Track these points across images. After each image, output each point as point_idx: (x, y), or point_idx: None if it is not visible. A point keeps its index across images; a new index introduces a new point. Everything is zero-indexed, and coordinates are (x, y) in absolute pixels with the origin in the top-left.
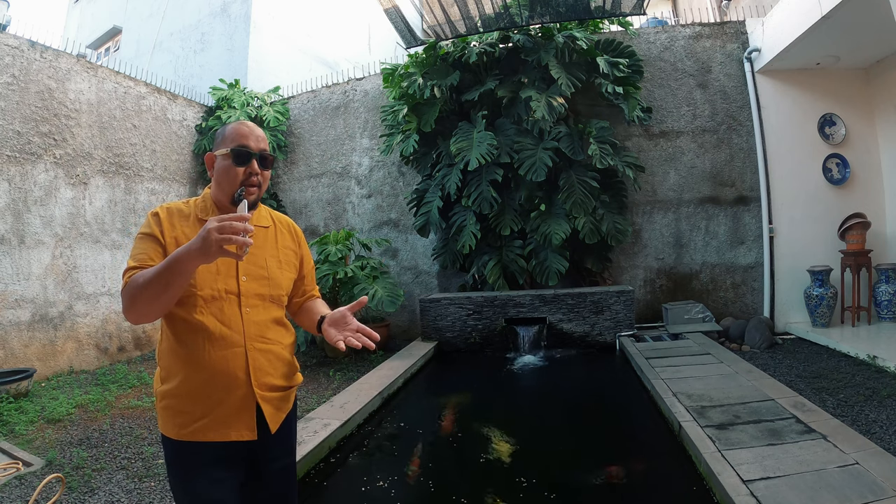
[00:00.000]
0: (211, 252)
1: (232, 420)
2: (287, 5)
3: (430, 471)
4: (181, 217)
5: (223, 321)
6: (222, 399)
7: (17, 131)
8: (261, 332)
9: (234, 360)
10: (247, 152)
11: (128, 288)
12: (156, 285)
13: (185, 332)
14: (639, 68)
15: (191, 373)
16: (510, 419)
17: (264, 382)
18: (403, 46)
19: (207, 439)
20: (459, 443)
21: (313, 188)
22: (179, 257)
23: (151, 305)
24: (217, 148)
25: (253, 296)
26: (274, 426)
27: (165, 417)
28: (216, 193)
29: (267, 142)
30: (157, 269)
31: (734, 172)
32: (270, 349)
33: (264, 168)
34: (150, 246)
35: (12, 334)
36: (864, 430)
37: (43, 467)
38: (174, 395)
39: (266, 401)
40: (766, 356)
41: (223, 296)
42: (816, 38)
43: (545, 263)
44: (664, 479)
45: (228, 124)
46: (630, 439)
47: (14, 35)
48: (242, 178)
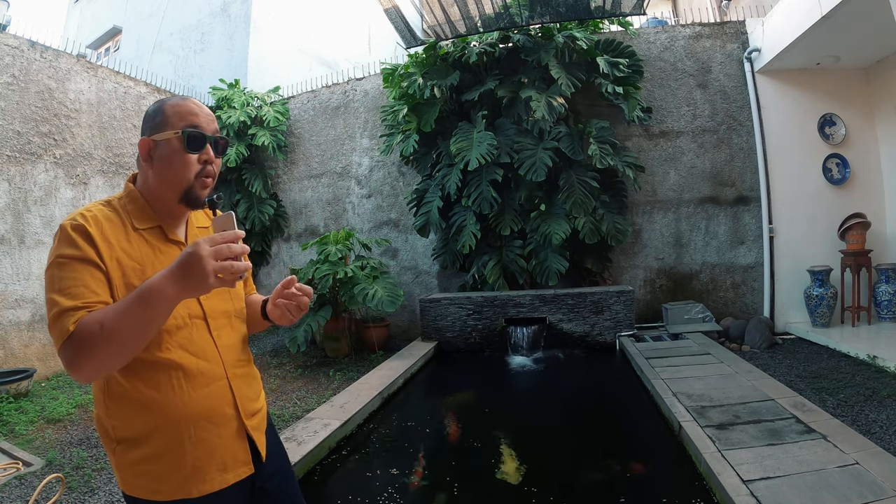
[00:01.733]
0: (206, 285)
1: (227, 462)
2: (287, 5)
3: (431, 471)
4: (113, 227)
5: (197, 353)
6: (214, 442)
7: (17, 131)
8: (236, 355)
9: (218, 397)
10: (202, 135)
11: (77, 339)
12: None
13: (150, 374)
14: (639, 68)
15: (166, 424)
16: (510, 419)
17: (249, 410)
18: (403, 46)
19: (203, 493)
20: (459, 443)
21: (313, 188)
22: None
23: (116, 359)
24: (156, 130)
25: (219, 315)
26: (264, 452)
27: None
28: (155, 189)
29: (216, 122)
30: (124, 311)
31: (734, 172)
32: (247, 372)
33: (218, 155)
34: (88, 274)
35: (12, 334)
36: (864, 430)
37: (43, 467)
38: (147, 457)
39: (254, 429)
40: (766, 356)
41: (188, 322)
42: (816, 38)
43: (545, 263)
44: (664, 479)
45: (166, 100)
46: (630, 439)
47: (14, 35)
48: (197, 169)
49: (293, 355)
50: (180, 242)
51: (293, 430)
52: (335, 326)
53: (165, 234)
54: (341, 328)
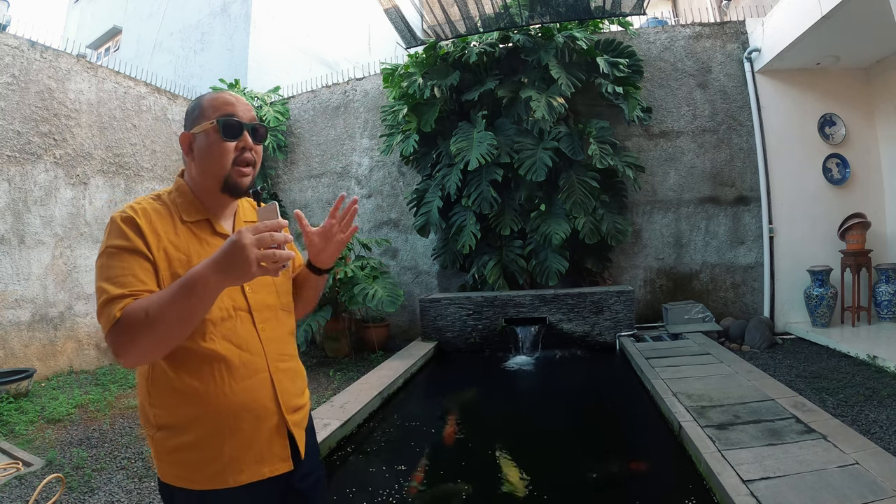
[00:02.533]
0: (249, 273)
1: (265, 455)
2: (287, 5)
3: (431, 471)
4: (161, 219)
5: (240, 345)
6: (251, 436)
7: (17, 131)
8: (280, 349)
9: (260, 389)
10: (238, 122)
11: (123, 325)
12: (170, 319)
13: (193, 364)
14: (639, 68)
15: (207, 413)
16: (510, 419)
17: (291, 406)
18: (403, 46)
19: (237, 483)
20: (460, 443)
21: (313, 188)
22: (204, 280)
23: (161, 345)
24: (195, 123)
25: (264, 308)
26: (303, 450)
27: (174, 469)
28: (199, 181)
29: (254, 111)
30: (169, 299)
31: (734, 172)
32: (290, 366)
33: (257, 142)
34: (137, 264)
35: (12, 334)
36: (864, 430)
37: (43, 467)
38: (186, 445)
39: (295, 424)
40: (766, 356)
41: (233, 314)
42: (816, 38)
43: (545, 263)
44: (664, 479)
45: (203, 95)
46: (630, 439)
47: (14, 35)
48: (235, 156)
49: None
50: (227, 235)
51: None
52: (335, 326)
53: (213, 227)
54: (341, 328)
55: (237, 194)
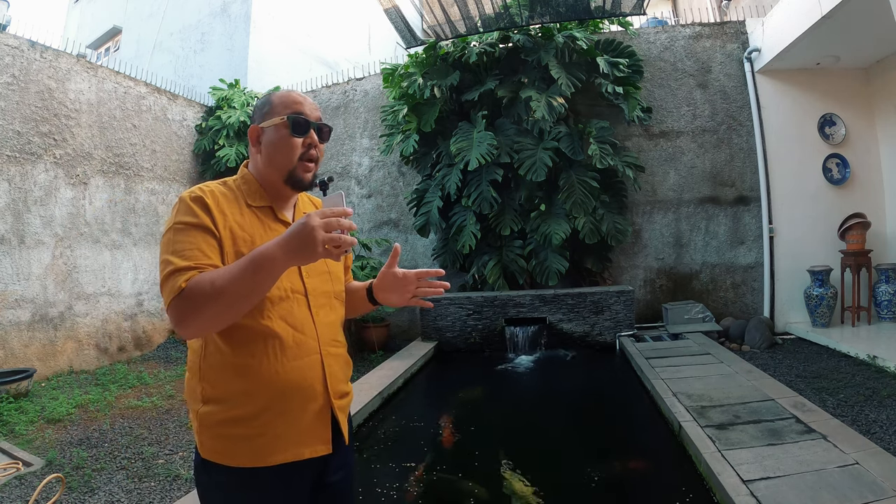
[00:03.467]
0: (315, 254)
1: (306, 436)
2: (287, 5)
3: (431, 471)
4: (228, 202)
5: (295, 326)
6: (297, 416)
7: (17, 131)
8: (332, 334)
9: (310, 370)
10: (305, 121)
11: (188, 295)
12: (236, 293)
13: (248, 341)
14: (639, 68)
15: (257, 389)
16: (510, 419)
17: (338, 391)
18: (403, 46)
19: (276, 462)
20: (460, 443)
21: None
22: (271, 258)
23: (225, 315)
24: (265, 118)
25: (319, 294)
26: (346, 435)
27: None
28: (265, 172)
29: (320, 111)
30: (236, 273)
31: (734, 172)
32: (340, 353)
33: (322, 141)
34: (203, 240)
35: (12, 334)
36: (864, 430)
37: (43, 467)
38: (233, 419)
39: (340, 409)
40: (766, 356)
41: (290, 295)
42: (816, 38)
43: (545, 263)
44: (664, 479)
45: (273, 92)
46: (630, 439)
47: (14, 35)
48: (302, 152)
49: None
50: (288, 223)
51: None
52: None
53: (275, 214)
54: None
55: (300, 188)
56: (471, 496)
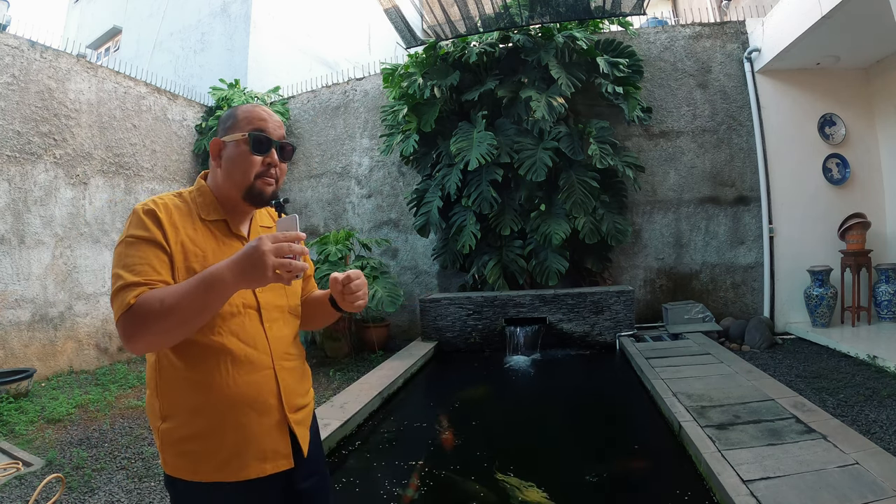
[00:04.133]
0: (265, 279)
1: (267, 452)
2: (287, 5)
3: (431, 470)
4: (181, 215)
5: (247, 341)
6: (253, 431)
7: (17, 131)
8: (285, 348)
9: (264, 385)
10: (267, 139)
11: (136, 312)
12: (184, 312)
13: (201, 356)
14: (639, 68)
15: (210, 406)
16: (510, 419)
17: (294, 404)
18: (403, 46)
19: (239, 478)
20: (460, 443)
21: (313, 188)
22: (220, 280)
23: (170, 335)
24: (228, 132)
25: (273, 308)
26: (306, 448)
27: (178, 460)
28: (223, 186)
29: (284, 129)
30: (185, 293)
31: (734, 172)
32: (295, 366)
33: (283, 160)
34: (153, 255)
35: (12, 334)
36: (864, 430)
37: (43, 467)
38: (190, 436)
39: (297, 423)
40: (766, 356)
41: (241, 311)
42: (816, 38)
43: (545, 263)
44: (664, 479)
45: (239, 106)
46: (630, 439)
47: (14, 35)
48: (260, 170)
49: None
50: (243, 237)
51: None
52: (335, 326)
53: (230, 228)
54: (341, 328)
55: (258, 204)
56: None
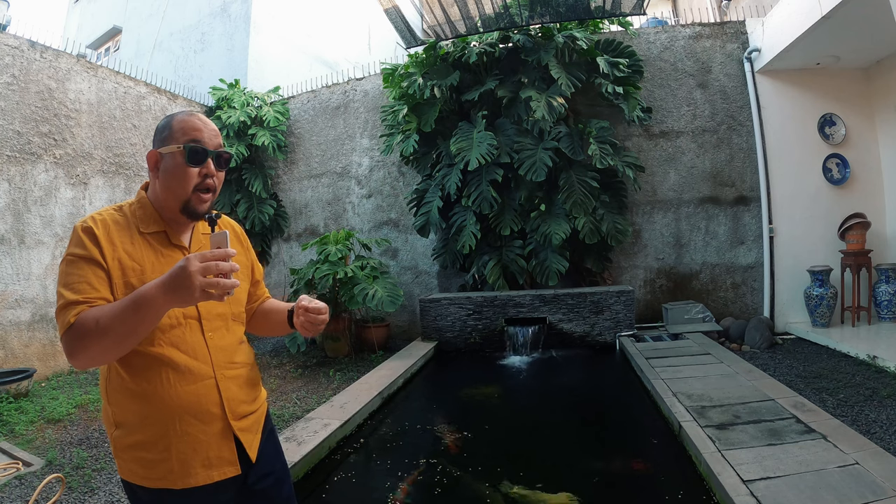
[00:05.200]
0: (193, 298)
1: (213, 460)
2: (287, 5)
3: (431, 471)
4: (119, 230)
5: (187, 352)
6: (198, 439)
7: (17, 131)
8: (229, 357)
9: (205, 395)
10: (202, 150)
11: (75, 331)
12: (118, 331)
13: (143, 367)
14: (639, 68)
15: (155, 414)
16: (510, 419)
17: (238, 412)
18: (403, 46)
19: (187, 485)
20: (459, 443)
21: (313, 188)
22: (151, 300)
23: (109, 353)
24: (164, 143)
25: (214, 317)
26: (254, 453)
27: (131, 465)
28: (161, 198)
29: (221, 137)
30: (118, 312)
31: (734, 172)
32: (239, 374)
33: (220, 169)
34: (91, 272)
35: (12, 334)
36: (864, 430)
37: (43, 467)
38: (138, 444)
39: (243, 430)
40: (766, 356)
41: (182, 321)
42: (816, 38)
43: (545, 263)
44: (664, 479)
45: (174, 115)
46: (630, 439)
47: (14, 35)
48: (196, 182)
49: (293, 355)
50: (184, 247)
51: (293, 429)
52: (335, 326)
53: (169, 239)
54: (341, 328)
55: (194, 218)
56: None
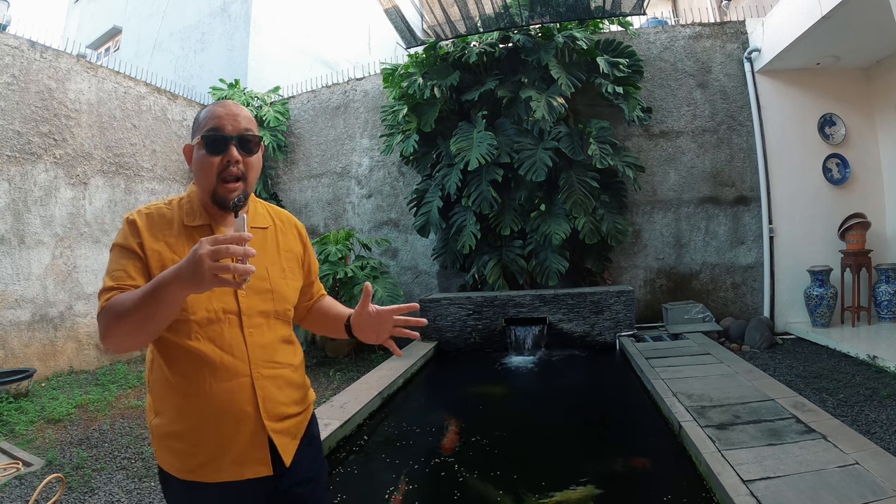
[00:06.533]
0: (204, 283)
1: (244, 458)
2: (287, 5)
3: (430, 471)
4: (163, 223)
5: (224, 347)
6: (230, 437)
7: (17, 131)
8: (268, 356)
9: (239, 393)
10: (221, 137)
11: (105, 314)
12: (137, 315)
13: (180, 360)
14: (639, 68)
15: (190, 408)
16: (510, 419)
17: (275, 413)
18: (403, 46)
19: (215, 480)
20: (459, 443)
21: (313, 188)
22: (165, 285)
23: (132, 337)
24: (193, 137)
25: (256, 314)
26: (288, 458)
27: (166, 454)
28: (199, 190)
29: (251, 121)
30: (139, 297)
31: (734, 172)
32: (279, 374)
33: (247, 153)
34: (128, 262)
35: (12, 334)
36: (864, 430)
37: (43, 467)
38: (173, 434)
39: (279, 432)
40: (766, 356)
41: (221, 317)
42: (816, 38)
43: (545, 263)
44: (664, 479)
45: (205, 108)
46: (630, 439)
47: (14, 35)
48: (219, 169)
49: None
50: None
51: None
52: None
53: (213, 232)
54: None
55: (224, 208)
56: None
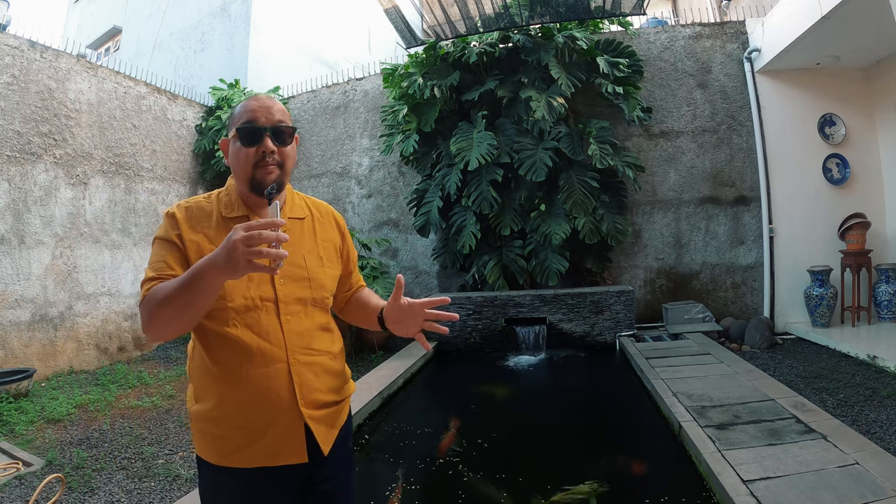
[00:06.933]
0: (238, 268)
1: (279, 445)
2: (287, 5)
3: (431, 471)
4: (202, 216)
5: (261, 334)
6: (267, 423)
7: (17, 131)
8: (305, 343)
9: (276, 379)
10: (255, 128)
11: (146, 303)
12: (176, 303)
13: (218, 346)
14: (639, 68)
15: (227, 394)
16: (510, 418)
17: (312, 400)
18: (403, 46)
19: (253, 465)
20: (459, 444)
21: (313, 188)
22: (202, 273)
23: (171, 324)
24: (229, 130)
25: (293, 301)
26: (326, 447)
27: (202, 441)
28: (237, 183)
29: (285, 113)
30: (177, 285)
31: (734, 172)
32: (317, 361)
33: (282, 144)
34: (169, 253)
35: (12, 334)
36: (864, 430)
37: (43, 467)
38: (211, 419)
39: (316, 420)
40: (766, 356)
41: (258, 304)
42: (816, 38)
43: (545, 263)
44: (664, 479)
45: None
46: (630, 439)
47: (14, 35)
48: (255, 160)
49: None
50: None
51: None
52: None
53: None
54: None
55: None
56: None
